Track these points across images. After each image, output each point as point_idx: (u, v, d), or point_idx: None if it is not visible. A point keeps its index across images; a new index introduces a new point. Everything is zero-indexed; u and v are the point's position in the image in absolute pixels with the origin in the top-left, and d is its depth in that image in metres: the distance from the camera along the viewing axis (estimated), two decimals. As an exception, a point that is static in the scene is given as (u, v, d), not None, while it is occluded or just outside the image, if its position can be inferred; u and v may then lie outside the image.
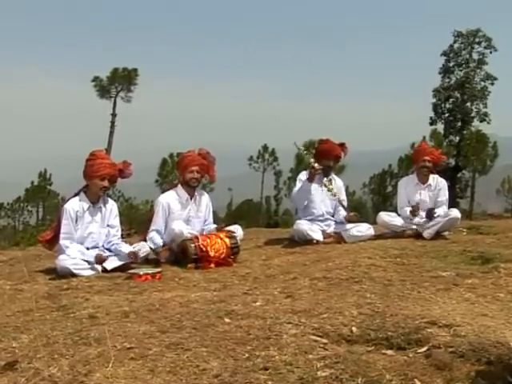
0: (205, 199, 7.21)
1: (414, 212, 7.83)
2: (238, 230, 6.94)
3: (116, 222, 6.59)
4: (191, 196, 7.05)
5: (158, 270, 5.84)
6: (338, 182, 8.10)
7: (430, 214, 7.83)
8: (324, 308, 4.03)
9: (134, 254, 6.22)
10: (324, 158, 7.81)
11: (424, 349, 3.19)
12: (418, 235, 7.81)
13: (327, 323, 3.66)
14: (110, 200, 6.65)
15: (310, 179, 7.51)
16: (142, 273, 5.68)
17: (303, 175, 7.72)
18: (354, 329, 3.53)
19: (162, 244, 6.75)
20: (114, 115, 45.50)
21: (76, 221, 6.28)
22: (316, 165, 7.38)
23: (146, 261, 6.53)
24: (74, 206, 6.32)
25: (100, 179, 6.29)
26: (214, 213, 7.49)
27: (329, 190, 7.82)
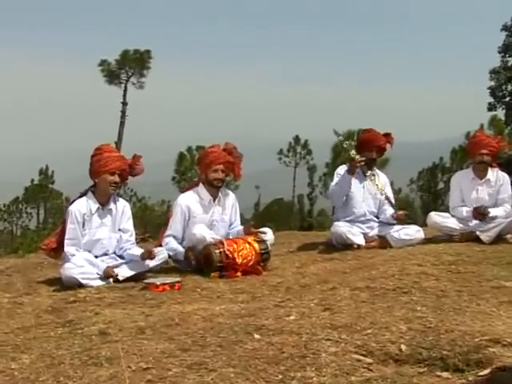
0: (230, 200, 7.22)
1: (478, 215, 7.72)
2: (267, 233, 6.94)
3: (129, 225, 6.62)
4: (215, 197, 7.06)
5: (178, 279, 5.86)
6: (381, 178, 8.05)
7: (482, 214, 7.73)
8: (368, 323, 4.02)
9: (148, 253, 6.25)
10: (366, 149, 7.77)
11: (486, 371, 3.16)
12: (475, 239, 7.73)
13: (372, 340, 3.65)
14: (121, 200, 6.69)
15: (351, 172, 7.48)
16: (159, 283, 5.71)
17: (342, 170, 7.70)
18: (402, 347, 3.52)
19: (181, 250, 6.76)
20: (124, 104, 45.54)
21: (83, 225, 6.33)
22: (358, 156, 7.36)
23: (164, 269, 6.57)
24: (81, 207, 6.35)
25: (109, 174, 6.32)
26: (240, 215, 7.49)
27: (373, 184, 7.79)
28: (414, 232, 7.70)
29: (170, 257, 6.73)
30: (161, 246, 6.86)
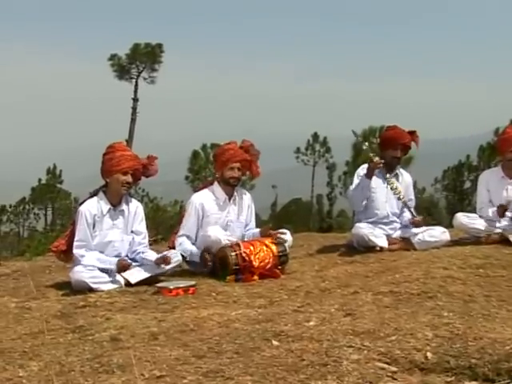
0: (246, 200, 7.23)
1: (503, 212, 7.70)
2: (285, 235, 6.94)
3: (142, 227, 6.64)
4: (230, 196, 7.07)
5: (192, 283, 5.87)
6: (405, 178, 8.02)
7: (505, 210, 7.68)
8: (392, 329, 4.01)
9: (163, 259, 6.27)
10: (390, 147, 7.74)
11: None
12: (504, 241, 7.69)
13: (396, 347, 3.64)
14: (134, 201, 6.70)
15: (369, 175, 7.45)
16: (172, 287, 5.72)
17: (363, 170, 7.67)
18: (428, 354, 3.50)
19: (196, 250, 6.75)
20: (135, 100, 45.61)
21: (93, 226, 6.34)
22: (376, 158, 7.33)
23: (177, 272, 6.58)
24: (92, 208, 6.36)
25: (122, 173, 6.32)
26: (256, 215, 7.50)
27: (392, 189, 7.75)
28: (439, 234, 7.66)
29: (183, 258, 6.72)
30: (173, 247, 6.86)
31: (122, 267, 6.17)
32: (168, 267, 6.34)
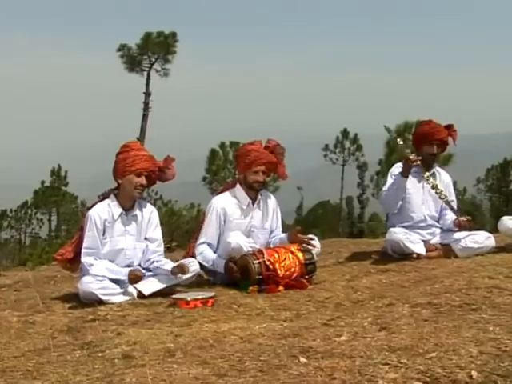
0: (271, 204, 7.22)
1: None
2: (314, 240, 6.94)
3: (157, 234, 6.66)
4: (254, 200, 7.07)
5: (211, 294, 5.88)
6: (443, 177, 8.00)
7: None
8: (431, 345, 3.99)
9: (180, 268, 6.28)
10: (425, 143, 7.72)
11: None
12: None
13: (436, 365, 3.62)
14: (148, 205, 6.73)
15: (405, 174, 7.44)
16: (189, 298, 5.73)
17: (397, 168, 7.65)
18: (473, 373, 3.48)
19: (219, 260, 6.74)
20: (147, 94, 45.64)
21: (103, 232, 6.36)
22: (412, 155, 7.31)
23: (195, 282, 6.60)
24: (102, 212, 6.39)
25: (135, 175, 6.34)
26: (282, 220, 7.49)
27: (433, 187, 7.72)
28: (483, 239, 7.63)
29: (201, 268, 6.73)
30: (191, 256, 6.87)
31: (134, 278, 6.18)
32: (185, 277, 6.35)
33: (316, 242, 6.98)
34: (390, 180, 7.70)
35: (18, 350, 4.62)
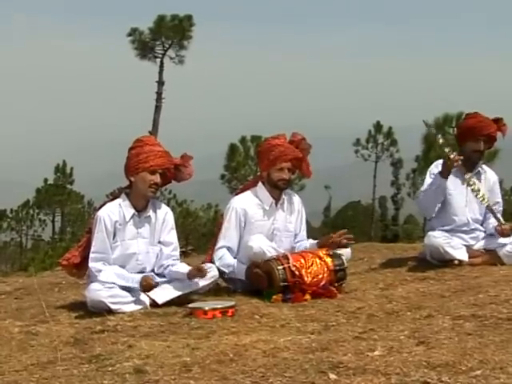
0: (296, 204, 7.21)
1: None
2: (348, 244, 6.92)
3: (171, 237, 6.66)
4: (277, 200, 7.05)
5: (231, 303, 5.89)
6: (489, 176, 7.94)
7: None
8: (476, 361, 3.97)
9: (197, 270, 6.27)
10: (470, 139, 7.67)
11: None
12: None
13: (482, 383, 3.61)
14: (163, 206, 6.74)
15: (444, 175, 7.39)
16: (207, 308, 5.74)
17: (437, 167, 7.62)
18: (522, 393, 3.47)
19: (241, 265, 6.73)
20: (160, 83, 45.66)
21: (114, 235, 6.37)
22: (454, 154, 7.26)
23: (213, 290, 6.61)
24: (112, 213, 6.39)
25: (149, 172, 6.32)
26: (306, 222, 7.47)
27: (473, 191, 7.66)
28: (532, 245, 7.58)
29: (221, 274, 6.73)
30: (210, 261, 6.86)
31: (147, 286, 6.15)
32: (202, 284, 6.36)
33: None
34: (428, 180, 7.66)
35: (19, 363, 4.64)
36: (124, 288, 6.17)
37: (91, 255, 6.29)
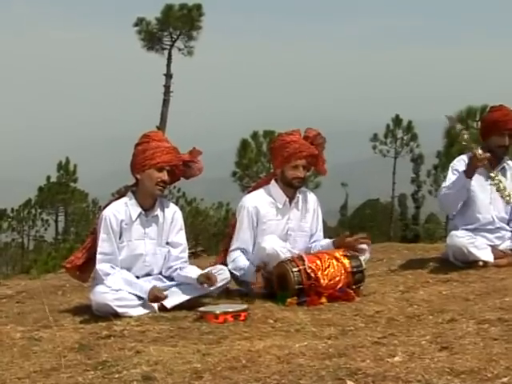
0: (311, 203, 7.20)
1: None
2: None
3: (180, 237, 6.67)
4: (291, 198, 7.04)
5: (244, 307, 5.91)
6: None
7: None
8: (502, 368, 3.97)
9: (208, 277, 6.27)
10: (495, 133, 7.64)
11: None
12: None
13: (509, 391, 3.61)
14: (171, 205, 6.75)
15: (469, 174, 7.35)
16: (219, 312, 5.75)
17: (460, 162, 7.60)
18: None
19: (251, 269, 6.73)
20: (168, 76, 45.65)
21: (120, 235, 6.38)
22: (480, 151, 7.22)
23: (226, 293, 6.62)
24: (118, 213, 6.40)
25: (156, 169, 6.33)
26: (323, 222, 7.46)
27: (498, 190, 7.64)
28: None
29: (233, 277, 6.73)
30: (222, 263, 6.87)
31: (155, 299, 6.17)
32: (213, 288, 6.36)
33: (366, 245, 6.96)
34: (451, 176, 7.63)
35: (22, 370, 4.66)
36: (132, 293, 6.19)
37: (98, 257, 6.29)
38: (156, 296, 6.14)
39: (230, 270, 6.67)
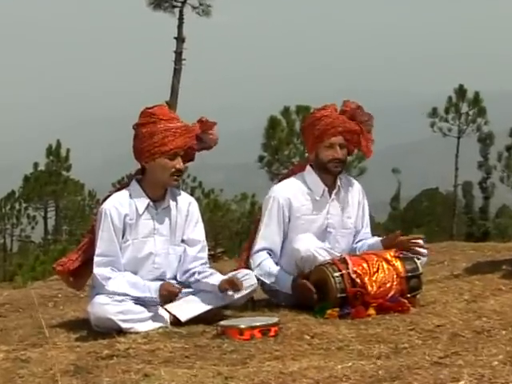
0: (355, 193, 7.20)
1: None
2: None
3: (198, 233, 6.67)
4: (330, 188, 7.03)
5: (274, 320, 5.92)
6: None
7: None
8: None
9: (230, 283, 6.27)
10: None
11: None
12: None
13: None
14: (184, 194, 6.77)
15: None
16: (244, 326, 5.77)
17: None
18: None
19: (284, 275, 6.73)
20: (180, 40, 45.51)
21: (124, 233, 6.39)
22: None
23: (251, 304, 6.64)
24: (120, 206, 6.39)
25: (168, 157, 6.29)
26: (370, 217, 7.44)
27: None
28: None
29: (260, 284, 6.74)
30: (246, 267, 6.88)
31: (168, 295, 6.17)
32: (237, 296, 6.37)
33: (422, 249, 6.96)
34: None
35: (6, 397, 4.71)
36: (138, 301, 6.18)
37: (96, 259, 6.28)
38: (169, 291, 6.14)
39: (256, 276, 6.67)
